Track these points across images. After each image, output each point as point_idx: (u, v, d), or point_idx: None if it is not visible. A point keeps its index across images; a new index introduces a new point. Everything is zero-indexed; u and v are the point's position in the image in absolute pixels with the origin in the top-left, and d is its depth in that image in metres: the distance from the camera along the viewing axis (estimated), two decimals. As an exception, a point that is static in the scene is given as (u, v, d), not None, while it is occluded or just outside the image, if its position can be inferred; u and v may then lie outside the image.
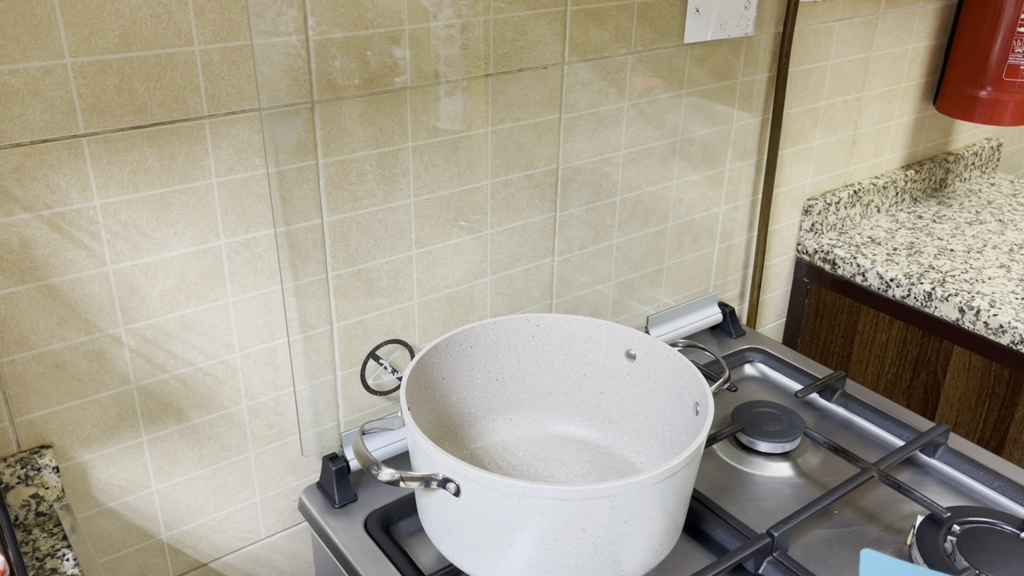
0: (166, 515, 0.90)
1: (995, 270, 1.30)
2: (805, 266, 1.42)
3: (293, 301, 0.90)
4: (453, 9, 0.88)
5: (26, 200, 0.72)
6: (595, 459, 0.97)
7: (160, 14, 0.73)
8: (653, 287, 1.23)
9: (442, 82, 0.90)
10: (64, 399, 0.80)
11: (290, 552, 1.02)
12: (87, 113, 0.72)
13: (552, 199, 1.06)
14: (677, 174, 1.17)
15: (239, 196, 0.83)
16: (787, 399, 1.16)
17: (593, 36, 1.00)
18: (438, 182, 0.95)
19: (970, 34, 1.38)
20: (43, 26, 0.68)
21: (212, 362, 0.87)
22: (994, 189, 1.63)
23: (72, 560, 0.76)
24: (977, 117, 1.40)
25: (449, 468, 0.75)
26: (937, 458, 1.03)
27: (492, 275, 1.04)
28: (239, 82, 0.79)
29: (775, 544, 0.87)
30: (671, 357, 0.91)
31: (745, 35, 1.13)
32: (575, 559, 0.75)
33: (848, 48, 1.30)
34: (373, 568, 0.86)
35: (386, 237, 0.93)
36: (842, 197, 1.41)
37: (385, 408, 1.02)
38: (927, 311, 1.26)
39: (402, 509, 0.93)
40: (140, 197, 0.77)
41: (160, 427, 0.86)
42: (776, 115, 1.23)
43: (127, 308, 0.80)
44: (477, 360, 0.96)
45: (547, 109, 1.00)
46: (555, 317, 0.97)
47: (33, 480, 0.78)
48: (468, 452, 0.97)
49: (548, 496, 0.72)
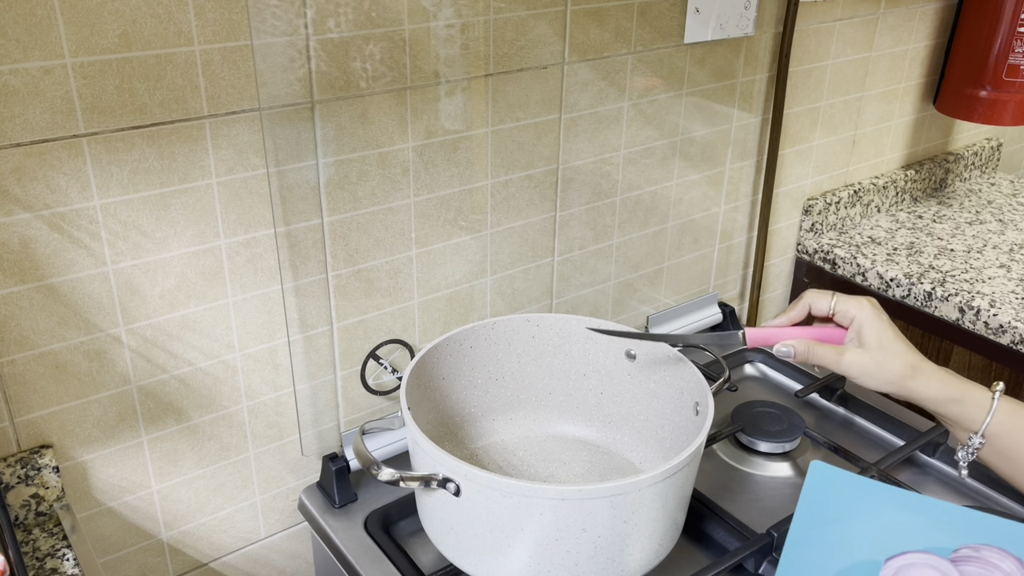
0: (166, 515, 0.90)
1: (995, 270, 1.30)
2: (805, 266, 1.42)
3: (293, 301, 0.90)
4: (453, 9, 0.88)
5: (26, 200, 0.72)
6: (595, 459, 0.97)
7: (160, 14, 0.73)
8: (653, 287, 1.23)
9: (442, 82, 0.90)
10: (64, 399, 0.80)
11: (290, 552, 1.02)
12: (87, 113, 0.72)
13: (552, 199, 1.06)
14: (677, 174, 1.17)
15: (239, 196, 0.83)
16: (787, 399, 1.16)
17: (593, 36, 1.00)
18: (438, 182, 0.95)
19: (970, 34, 1.38)
20: (43, 26, 0.68)
21: (212, 362, 0.87)
22: (994, 189, 1.63)
23: (72, 560, 0.76)
24: (977, 117, 1.40)
25: (449, 468, 0.75)
26: (937, 458, 1.03)
27: (492, 275, 1.04)
28: (239, 82, 0.79)
29: (775, 544, 0.87)
30: (671, 357, 0.91)
31: (745, 35, 1.13)
32: (575, 559, 0.75)
33: (848, 48, 1.30)
34: (373, 568, 0.86)
35: (386, 237, 0.93)
36: (842, 197, 1.41)
37: (385, 408, 1.02)
38: (927, 311, 1.26)
39: (402, 509, 0.93)
40: (140, 197, 0.77)
41: (160, 427, 0.86)
42: (776, 115, 1.23)
43: (127, 308, 0.80)
44: (477, 360, 0.96)
45: (547, 109, 1.00)
46: (555, 317, 0.97)
47: (33, 480, 0.78)
48: (468, 452, 0.97)
49: (548, 496, 0.72)
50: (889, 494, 0.68)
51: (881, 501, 0.67)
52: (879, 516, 0.65)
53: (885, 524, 0.65)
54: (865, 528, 0.64)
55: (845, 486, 0.68)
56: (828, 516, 0.66)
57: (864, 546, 0.63)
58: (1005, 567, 0.58)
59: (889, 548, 0.62)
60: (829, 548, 0.63)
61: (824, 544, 0.63)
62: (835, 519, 0.65)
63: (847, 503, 0.67)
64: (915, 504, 0.67)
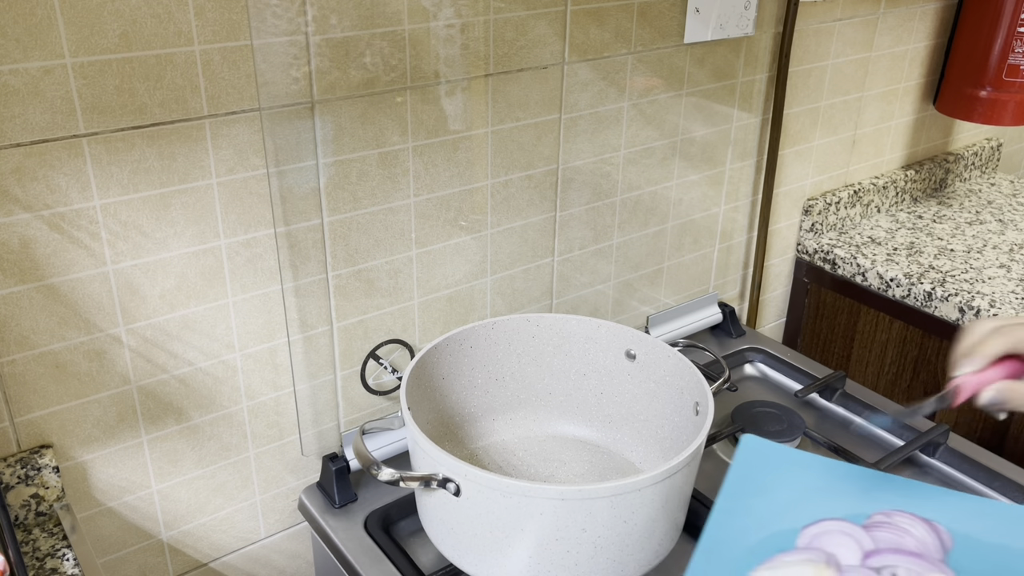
0: (166, 515, 0.90)
1: (995, 270, 1.30)
2: (805, 266, 1.42)
3: (293, 301, 0.90)
4: (453, 9, 0.88)
5: (26, 200, 0.72)
6: (595, 459, 0.97)
7: (160, 14, 0.73)
8: (653, 287, 1.23)
9: (442, 82, 0.90)
10: (64, 399, 0.80)
11: (290, 552, 1.02)
12: (87, 113, 0.72)
13: (552, 199, 1.06)
14: (677, 174, 1.17)
15: (239, 196, 0.83)
16: (787, 399, 1.16)
17: (593, 36, 1.00)
18: (438, 182, 0.95)
19: (970, 34, 1.38)
20: (43, 26, 0.68)
21: (212, 362, 0.87)
22: (994, 189, 1.63)
23: (72, 560, 0.76)
24: (977, 117, 1.40)
25: (449, 468, 0.75)
26: (937, 458, 1.03)
27: (492, 275, 1.04)
28: (239, 82, 0.79)
29: (775, 544, 0.87)
30: (671, 357, 0.91)
31: (745, 35, 1.13)
32: (575, 559, 0.75)
33: (848, 48, 1.30)
34: (373, 568, 0.86)
35: (386, 237, 0.93)
36: (842, 197, 1.41)
37: (385, 408, 1.02)
38: (927, 311, 1.26)
39: (402, 509, 0.93)
40: (140, 197, 0.77)
41: (160, 427, 0.86)
42: (776, 115, 1.23)
43: (127, 308, 0.80)
44: (477, 360, 0.96)
45: (547, 109, 1.00)
46: (555, 317, 0.97)
47: (33, 480, 0.78)
48: (468, 452, 0.97)
49: (548, 496, 0.72)
50: (815, 464, 0.68)
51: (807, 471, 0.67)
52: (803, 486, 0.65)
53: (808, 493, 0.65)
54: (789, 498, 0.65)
55: (774, 458, 0.68)
56: (755, 487, 0.65)
57: (786, 515, 0.63)
58: (915, 532, 0.59)
59: (810, 517, 0.62)
60: (753, 518, 0.63)
61: (748, 515, 0.63)
62: (761, 490, 0.65)
63: (774, 474, 0.67)
64: (840, 472, 0.67)
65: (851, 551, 0.58)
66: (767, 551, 0.60)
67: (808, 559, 0.58)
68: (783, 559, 0.58)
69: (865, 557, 0.58)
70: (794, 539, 0.61)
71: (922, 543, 0.59)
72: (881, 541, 0.59)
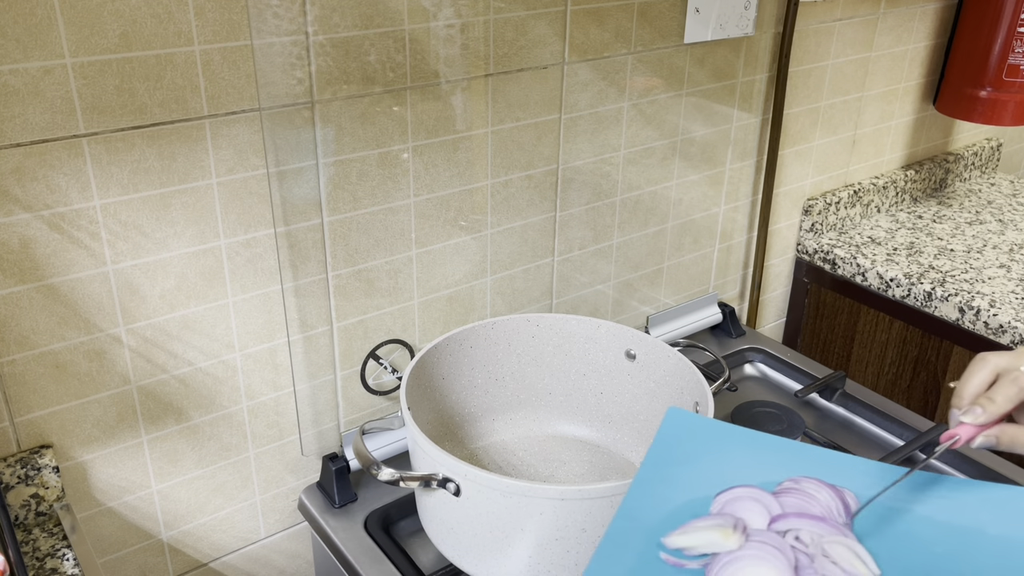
0: (166, 515, 0.90)
1: (995, 270, 1.30)
2: (805, 266, 1.42)
3: (293, 301, 0.90)
4: (453, 9, 0.88)
5: (26, 200, 0.72)
6: (595, 459, 0.97)
7: (160, 14, 0.73)
8: (653, 287, 1.23)
9: (442, 82, 0.90)
10: (64, 399, 0.80)
11: (290, 552, 1.02)
12: (87, 113, 0.72)
13: (552, 199, 1.06)
14: (677, 174, 1.17)
15: (239, 196, 0.83)
16: (787, 399, 1.16)
17: (593, 36, 1.00)
18: (438, 182, 0.95)
19: (970, 34, 1.38)
20: (43, 26, 0.68)
21: (212, 362, 0.87)
22: (994, 189, 1.63)
23: (72, 560, 0.76)
24: (977, 117, 1.40)
25: (449, 468, 0.75)
26: (937, 458, 1.03)
27: (492, 275, 1.04)
28: (239, 82, 0.79)
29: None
30: (671, 357, 0.91)
31: (745, 35, 1.13)
32: (575, 559, 0.75)
33: (848, 48, 1.30)
34: (373, 568, 0.86)
35: (386, 237, 0.93)
36: (842, 197, 1.41)
37: (385, 408, 1.02)
38: (927, 311, 1.26)
39: (402, 509, 0.93)
40: (140, 197, 0.77)
41: (160, 427, 0.86)
42: (776, 115, 1.23)
43: (127, 308, 0.80)
44: (477, 360, 0.96)
45: (547, 109, 1.00)
46: (555, 317, 0.97)
47: (33, 480, 0.78)
48: (468, 452, 0.97)
49: (548, 496, 0.72)
50: (736, 434, 0.69)
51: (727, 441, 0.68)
52: (723, 455, 0.67)
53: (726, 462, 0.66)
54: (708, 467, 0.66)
55: (697, 429, 0.69)
56: (676, 457, 0.67)
57: (703, 483, 0.64)
58: (820, 497, 0.62)
59: (724, 484, 0.64)
60: (671, 487, 0.64)
61: (667, 483, 0.65)
62: (682, 460, 0.67)
63: (696, 445, 0.68)
64: (758, 442, 0.68)
65: (759, 515, 0.61)
66: (682, 517, 0.62)
67: (717, 524, 0.61)
68: (696, 524, 0.61)
69: (772, 521, 0.61)
70: (708, 505, 0.63)
71: (826, 508, 0.61)
72: (788, 506, 0.62)
